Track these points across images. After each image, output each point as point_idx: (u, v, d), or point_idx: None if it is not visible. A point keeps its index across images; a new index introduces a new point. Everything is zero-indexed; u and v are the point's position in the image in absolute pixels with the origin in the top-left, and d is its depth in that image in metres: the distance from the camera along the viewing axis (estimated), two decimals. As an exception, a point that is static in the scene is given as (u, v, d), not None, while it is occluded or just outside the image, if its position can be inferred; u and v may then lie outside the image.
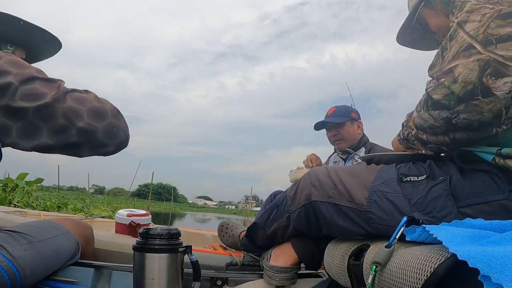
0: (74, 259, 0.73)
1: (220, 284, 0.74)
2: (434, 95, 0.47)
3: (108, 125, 0.59)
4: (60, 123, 0.54)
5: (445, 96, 0.46)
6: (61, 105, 0.55)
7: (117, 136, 0.60)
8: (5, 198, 3.31)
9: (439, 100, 0.47)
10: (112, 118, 0.60)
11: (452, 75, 0.45)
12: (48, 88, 0.56)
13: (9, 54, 0.58)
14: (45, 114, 0.54)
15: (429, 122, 0.51)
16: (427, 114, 0.50)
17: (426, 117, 0.51)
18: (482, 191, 0.50)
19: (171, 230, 0.64)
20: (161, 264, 0.61)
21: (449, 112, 0.47)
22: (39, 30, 0.73)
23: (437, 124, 0.50)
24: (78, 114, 0.56)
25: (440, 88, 0.46)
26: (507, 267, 0.28)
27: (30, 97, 0.53)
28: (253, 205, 44.61)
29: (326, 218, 0.62)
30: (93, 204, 6.34)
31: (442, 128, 0.50)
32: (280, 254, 0.74)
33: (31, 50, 0.74)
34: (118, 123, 0.61)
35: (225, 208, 58.20)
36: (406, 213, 0.52)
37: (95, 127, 0.57)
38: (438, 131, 0.52)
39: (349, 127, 1.42)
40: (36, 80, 0.55)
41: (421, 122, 0.53)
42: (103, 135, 0.58)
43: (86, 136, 0.56)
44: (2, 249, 0.56)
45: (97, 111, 0.58)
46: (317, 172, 0.67)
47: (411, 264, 0.39)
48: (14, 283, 0.55)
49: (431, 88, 0.48)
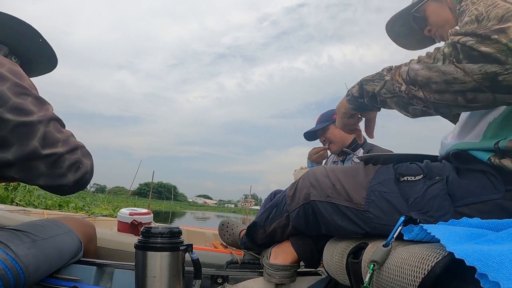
0: (76, 257, 0.74)
1: (220, 282, 0.75)
2: (483, 48, 0.44)
3: (76, 159, 0.60)
4: (33, 145, 0.54)
5: (499, 51, 0.43)
6: (43, 128, 0.55)
7: (79, 172, 0.60)
8: (7, 196, 3.32)
9: (491, 54, 0.43)
10: (81, 156, 0.61)
11: (506, 35, 0.43)
12: (37, 108, 0.56)
13: (12, 63, 0.59)
14: (23, 131, 0.54)
15: (451, 75, 0.46)
16: (453, 67, 0.46)
17: (450, 69, 0.46)
18: (478, 190, 0.51)
19: (173, 229, 0.65)
20: (163, 262, 0.62)
21: (502, 67, 0.43)
22: (50, 51, 0.73)
23: (467, 79, 0.45)
24: (54, 141, 0.57)
25: (492, 43, 0.44)
26: (504, 265, 0.28)
27: (18, 111, 0.54)
28: (252, 204, 44.62)
29: (325, 218, 0.63)
30: (93, 202, 6.36)
31: (470, 84, 0.46)
32: (280, 252, 0.75)
33: (30, 66, 0.75)
34: (86, 162, 0.62)
35: (225, 207, 58.21)
36: (404, 212, 0.53)
37: (64, 156, 0.57)
38: (456, 87, 0.47)
39: (333, 130, 1.43)
40: (29, 97, 0.56)
41: (430, 75, 0.48)
42: (67, 167, 0.58)
43: (51, 162, 0.56)
44: (5, 248, 0.56)
45: (71, 144, 0.59)
46: (316, 172, 0.68)
47: (408, 262, 0.39)
48: (17, 281, 0.56)
49: (473, 41, 0.45)
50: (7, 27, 0.66)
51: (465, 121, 0.60)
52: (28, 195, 3.86)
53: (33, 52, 0.72)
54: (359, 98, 0.62)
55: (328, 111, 1.49)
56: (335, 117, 1.42)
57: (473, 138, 0.56)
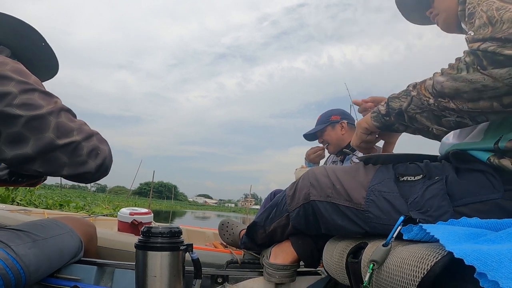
0: (77, 257, 0.74)
1: (220, 282, 0.75)
2: (506, 51, 0.44)
3: (93, 146, 0.60)
4: (48, 136, 0.55)
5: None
6: (55, 119, 0.56)
7: (99, 158, 0.61)
8: (8, 196, 3.33)
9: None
10: (98, 142, 0.61)
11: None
12: (45, 101, 0.57)
13: (15, 62, 0.59)
14: (36, 125, 0.54)
15: (480, 83, 0.46)
16: (480, 74, 0.45)
17: (477, 77, 0.46)
18: (477, 190, 0.51)
19: (173, 229, 0.65)
20: (163, 262, 0.62)
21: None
22: (52, 55, 0.74)
23: (498, 85, 0.45)
24: (69, 131, 0.57)
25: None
26: (503, 265, 0.29)
27: (27, 107, 0.54)
28: (252, 203, 44.66)
29: (325, 217, 0.63)
30: (94, 202, 6.37)
31: (503, 89, 0.45)
32: (280, 252, 0.75)
33: (32, 71, 0.75)
34: (104, 147, 0.62)
35: (225, 206, 58.27)
36: (403, 212, 0.53)
37: (81, 144, 0.58)
38: (489, 94, 0.46)
39: (330, 132, 1.44)
40: (35, 92, 0.56)
41: (457, 86, 0.47)
42: (87, 154, 0.59)
43: (70, 151, 0.57)
44: (6, 247, 0.57)
45: (86, 132, 0.60)
46: (316, 172, 0.68)
47: (408, 262, 0.39)
48: (18, 281, 0.56)
49: (495, 46, 0.45)
50: (9, 28, 0.66)
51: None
52: (29, 195, 3.87)
53: (35, 56, 0.72)
54: (385, 116, 0.61)
55: (326, 112, 1.50)
56: (332, 119, 1.44)
57: (474, 138, 0.56)
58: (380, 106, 0.62)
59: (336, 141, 1.43)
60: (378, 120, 0.63)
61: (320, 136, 1.47)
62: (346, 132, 1.44)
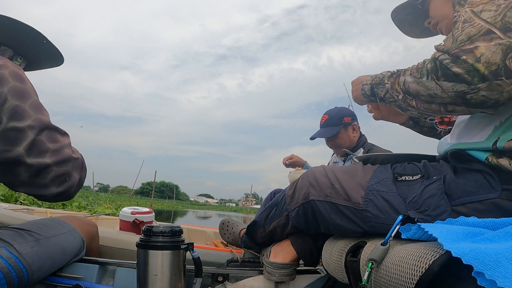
0: (79, 255, 0.75)
1: (221, 280, 0.75)
2: (454, 68, 0.47)
3: (64, 172, 0.57)
4: (17, 151, 0.53)
5: (468, 71, 0.46)
6: (33, 136, 0.54)
7: (64, 185, 0.58)
8: (12, 196, 3.35)
9: (460, 74, 0.47)
10: (71, 169, 0.58)
11: (474, 55, 0.46)
12: (32, 113, 0.55)
13: (16, 66, 0.59)
14: (12, 136, 0.53)
15: (432, 91, 0.51)
16: (434, 83, 0.50)
17: (431, 85, 0.51)
18: (475, 190, 0.51)
19: (174, 228, 0.66)
20: (164, 261, 0.62)
21: (468, 87, 0.47)
22: (55, 50, 0.74)
23: (444, 95, 0.50)
24: (42, 151, 0.55)
25: (462, 63, 0.47)
26: (500, 264, 0.29)
27: (12, 114, 0.53)
28: (253, 203, 44.65)
29: (324, 217, 0.63)
30: (96, 201, 6.40)
31: (447, 99, 0.50)
32: (280, 251, 0.76)
33: (38, 64, 0.75)
34: (75, 176, 0.60)
35: (226, 206, 58.32)
36: (402, 211, 0.53)
37: (51, 168, 0.55)
38: (438, 101, 0.52)
39: (343, 135, 1.40)
40: (27, 101, 0.55)
41: (418, 89, 0.53)
42: (51, 179, 0.56)
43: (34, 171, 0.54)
44: (9, 247, 0.57)
45: (62, 155, 0.57)
46: (315, 171, 0.68)
47: (406, 260, 0.39)
48: (20, 280, 0.57)
49: (448, 60, 0.48)
50: (10, 30, 0.67)
51: (466, 123, 0.60)
52: (32, 194, 3.88)
53: (38, 53, 0.73)
54: (371, 96, 0.68)
55: (337, 110, 1.44)
56: (345, 121, 1.39)
57: (473, 138, 0.57)
58: (365, 86, 0.68)
59: (348, 144, 1.40)
60: (366, 97, 0.70)
61: (332, 138, 1.42)
62: (356, 135, 1.42)
